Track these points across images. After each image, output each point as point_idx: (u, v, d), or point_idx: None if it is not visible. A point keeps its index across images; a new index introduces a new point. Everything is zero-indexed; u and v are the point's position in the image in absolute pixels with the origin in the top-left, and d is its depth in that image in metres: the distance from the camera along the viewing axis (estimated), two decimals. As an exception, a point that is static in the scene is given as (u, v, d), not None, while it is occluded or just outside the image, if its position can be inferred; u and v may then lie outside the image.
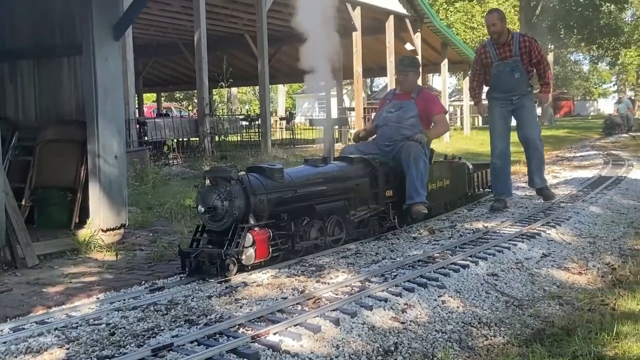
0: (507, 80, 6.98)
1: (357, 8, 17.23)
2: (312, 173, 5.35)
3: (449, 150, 13.63)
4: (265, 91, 14.71)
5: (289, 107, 58.24)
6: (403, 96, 6.57)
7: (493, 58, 7.00)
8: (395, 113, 6.46)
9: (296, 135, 20.54)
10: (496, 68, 6.99)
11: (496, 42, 6.96)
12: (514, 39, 6.93)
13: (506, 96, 7.07)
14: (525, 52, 6.90)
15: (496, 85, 7.12)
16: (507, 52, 6.92)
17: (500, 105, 7.12)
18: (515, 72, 6.92)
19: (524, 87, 7.07)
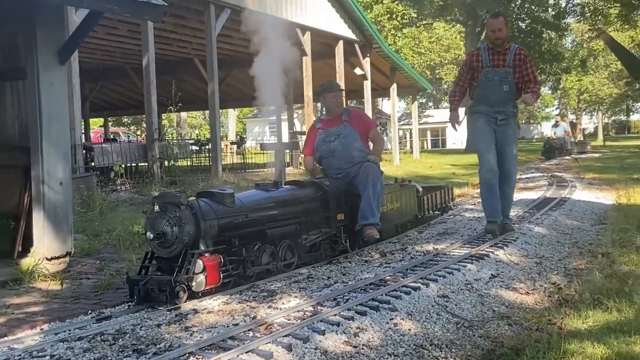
0: (495, 90, 6.42)
1: (307, 33, 17.39)
2: (263, 197, 5.32)
3: (399, 173, 13.81)
4: (215, 115, 14.64)
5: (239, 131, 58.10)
6: (333, 121, 6.50)
7: (484, 63, 6.43)
8: (335, 142, 6.37)
9: (247, 160, 20.46)
10: (485, 74, 6.43)
11: (494, 49, 6.44)
12: (511, 49, 6.44)
13: (491, 111, 6.51)
14: (519, 64, 6.40)
15: (482, 94, 6.52)
16: (501, 60, 6.40)
17: (483, 118, 6.57)
18: (504, 83, 6.39)
19: (511, 106, 6.56)
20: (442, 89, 62.23)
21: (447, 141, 59.54)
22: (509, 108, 6.56)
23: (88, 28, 5.90)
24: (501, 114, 6.51)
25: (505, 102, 6.50)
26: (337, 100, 6.56)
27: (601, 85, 59.42)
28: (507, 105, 6.53)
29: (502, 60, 6.38)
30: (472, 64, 6.56)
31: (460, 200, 10.84)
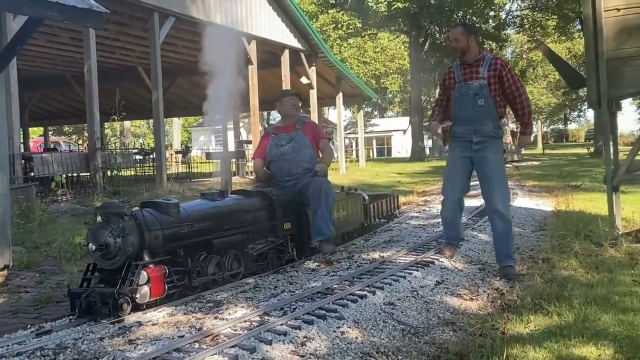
0: (469, 105, 5.60)
1: (253, 42, 17.37)
2: (209, 207, 5.27)
3: (346, 181, 13.89)
4: (159, 124, 14.46)
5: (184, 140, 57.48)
6: (287, 128, 6.52)
7: (456, 79, 5.72)
8: (288, 146, 6.39)
9: (192, 169, 20.27)
10: (458, 90, 5.69)
11: (462, 62, 5.72)
12: (485, 60, 5.65)
13: (466, 131, 5.65)
14: (495, 75, 5.56)
15: (456, 112, 5.76)
16: (474, 73, 5.64)
17: (458, 147, 5.76)
18: (479, 97, 5.55)
19: (490, 124, 5.58)
20: (387, 97, 63.02)
21: (392, 150, 60.30)
22: (487, 126, 5.57)
23: (27, 35, 5.75)
24: (477, 134, 5.57)
25: (482, 118, 5.56)
26: (294, 103, 6.60)
27: (540, 95, 61.29)
28: (484, 123, 5.56)
29: (475, 72, 5.62)
30: (445, 83, 5.90)
31: (406, 208, 10.97)
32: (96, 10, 5.41)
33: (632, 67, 6.23)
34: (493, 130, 5.58)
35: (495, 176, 5.58)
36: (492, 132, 5.58)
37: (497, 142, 5.63)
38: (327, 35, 36.83)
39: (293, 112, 6.60)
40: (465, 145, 5.68)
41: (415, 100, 39.97)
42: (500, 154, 5.62)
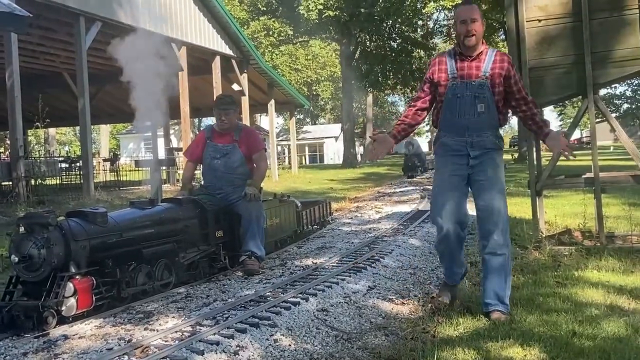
0: (466, 111, 4.31)
1: (183, 48, 17.17)
2: (138, 216, 5.16)
3: (278, 188, 13.87)
4: (86, 131, 14.07)
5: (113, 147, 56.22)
6: (224, 137, 6.35)
7: (449, 73, 4.35)
8: (221, 160, 6.26)
9: (121, 177, 19.83)
10: (451, 90, 4.34)
11: (463, 54, 4.35)
12: (488, 54, 4.35)
13: (461, 143, 4.36)
14: (499, 75, 4.29)
15: (448, 118, 4.39)
16: (474, 69, 4.33)
17: (450, 163, 4.41)
18: (479, 101, 4.30)
19: (490, 135, 4.36)
20: (319, 105, 63.37)
21: (325, 156, 60.67)
22: (487, 137, 4.35)
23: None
24: (476, 148, 4.33)
25: (481, 128, 4.33)
26: (226, 117, 6.29)
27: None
28: (483, 133, 4.34)
29: (476, 68, 4.33)
30: (433, 77, 4.43)
31: (338, 215, 11.04)
32: (19, 14, 5.25)
33: (553, 75, 6.47)
34: (494, 142, 4.37)
35: (495, 197, 4.31)
36: (492, 143, 4.36)
37: (498, 155, 4.44)
38: (258, 42, 36.78)
39: (223, 125, 6.35)
40: (459, 160, 4.37)
41: (346, 108, 40.35)
42: (500, 169, 4.43)
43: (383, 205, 12.65)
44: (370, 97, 49.86)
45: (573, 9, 6.22)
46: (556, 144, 4.34)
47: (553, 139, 4.34)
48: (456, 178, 4.40)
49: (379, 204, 12.82)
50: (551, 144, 4.38)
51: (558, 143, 4.32)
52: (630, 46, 6.13)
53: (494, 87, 4.32)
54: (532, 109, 4.41)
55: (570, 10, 6.22)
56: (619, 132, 6.46)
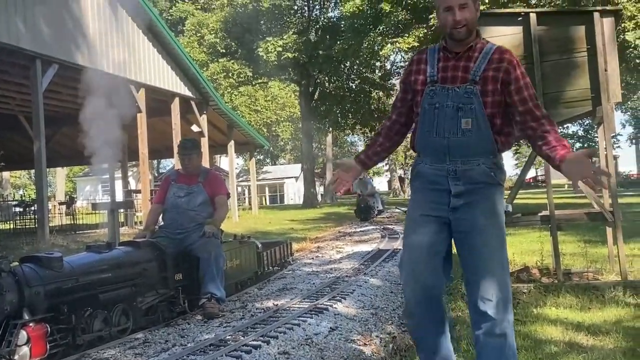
0: (445, 127, 3.10)
1: (142, 90, 17.11)
2: (95, 260, 5.06)
3: (238, 229, 13.76)
4: (42, 175, 13.82)
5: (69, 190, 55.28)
6: (189, 179, 6.37)
7: (428, 75, 3.18)
8: (184, 198, 6.25)
9: (78, 221, 19.47)
10: (429, 97, 3.15)
11: (447, 50, 3.17)
12: (484, 50, 3.14)
13: (439, 171, 3.13)
14: (497, 77, 3.08)
15: (423, 136, 3.19)
16: (460, 69, 3.13)
17: (426, 200, 3.18)
18: (463, 114, 3.07)
19: (482, 163, 3.10)
20: (278, 145, 63.55)
21: (285, 197, 60.62)
22: (477, 166, 3.09)
23: None
24: (460, 181, 3.09)
25: (467, 152, 3.09)
26: (189, 161, 6.31)
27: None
28: (472, 160, 3.09)
29: (463, 69, 3.12)
30: (409, 80, 3.27)
31: (299, 255, 11.00)
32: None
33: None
34: (486, 172, 3.09)
35: (490, 255, 3.05)
36: (485, 175, 3.09)
37: (494, 193, 3.12)
38: (218, 84, 36.86)
39: (186, 169, 6.38)
40: (437, 197, 3.13)
41: (306, 148, 40.53)
42: (498, 215, 3.11)
43: (344, 245, 12.65)
44: (330, 137, 50.22)
45: (525, 51, 6.42)
46: (578, 171, 2.78)
47: (573, 163, 2.81)
48: (432, 222, 3.12)
49: (339, 244, 12.81)
50: (571, 170, 2.80)
51: (581, 168, 2.77)
52: (580, 87, 6.34)
53: (485, 96, 3.06)
54: (543, 126, 3.03)
55: (522, 53, 6.41)
56: (572, 170, 6.62)
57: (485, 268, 3.04)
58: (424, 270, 3.10)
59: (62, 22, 13.98)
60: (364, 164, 3.41)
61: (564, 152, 2.90)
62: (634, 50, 18.29)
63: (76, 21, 14.31)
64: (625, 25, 17.29)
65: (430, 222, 3.14)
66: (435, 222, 3.13)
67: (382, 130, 3.42)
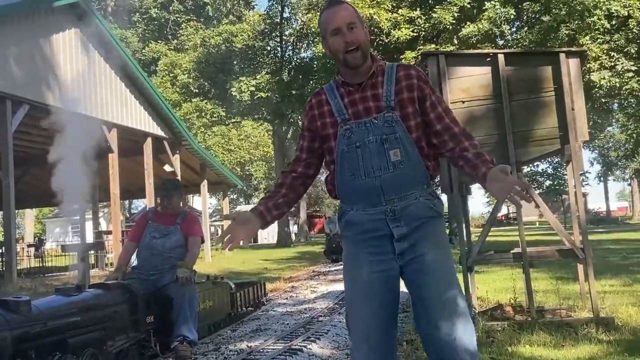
0: (373, 165, 2.73)
1: (114, 130, 17.03)
2: (64, 303, 4.95)
3: (212, 270, 13.64)
4: (10, 216, 13.58)
5: (38, 232, 54.40)
6: (167, 219, 6.28)
7: (337, 115, 2.82)
8: (160, 240, 6.16)
9: (47, 263, 19.11)
10: (345, 138, 2.78)
11: (346, 82, 2.84)
12: (386, 72, 2.82)
13: (375, 218, 2.75)
14: (411, 99, 2.78)
15: (348, 182, 2.80)
16: (370, 100, 2.78)
17: (366, 249, 2.77)
18: (390, 146, 2.73)
19: (420, 195, 2.77)
20: (252, 184, 63.46)
21: (259, 236, 60.25)
22: (415, 200, 2.76)
23: None
24: (402, 221, 2.73)
25: (403, 186, 2.74)
26: (169, 202, 6.25)
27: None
28: (409, 194, 2.75)
29: (374, 98, 2.78)
30: (314, 126, 2.91)
31: (273, 295, 10.90)
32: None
33: (478, 154, 6.71)
34: (427, 205, 2.77)
35: (449, 287, 2.71)
36: (425, 208, 2.76)
37: (437, 225, 2.81)
38: (191, 124, 36.87)
39: (166, 210, 6.32)
40: (379, 247, 2.74)
41: (280, 187, 40.51)
42: (446, 246, 2.82)
43: (318, 284, 12.58)
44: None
45: (494, 91, 6.54)
46: (502, 187, 2.52)
47: (495, 181, 2.55)
48: (378, 279, 2.71)
49: (314, 283, 12.74)
50: (494, 187, 2.56)
51: (504, 185, 2.51)
52: (548, 126, 6.46)
53: (407, 120, 2.75)
54: (462, 143, 2.77)
55: (491, 92, 6.53)
56: (543, 208, 6.71)
57: (443, 303, 2.66)
58: (378, 339, 2.72)
59: (33, 63, 13.95)
60: (263, 218, 2.85)
61: (484, 169, 2.64)
62: (599, 90, 18.77)
63: (48, 61, 14.29)
64: (591, 66, 17.76)
65: (378, 278, 2.71)
66: (382, 277, 2.72)
67: (285, 181, 2.95)
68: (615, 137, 55.97)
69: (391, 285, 2.74)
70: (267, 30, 38.82)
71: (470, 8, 20.16)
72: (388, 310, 2.76)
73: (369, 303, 2.71)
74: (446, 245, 2.81)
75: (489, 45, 18.94)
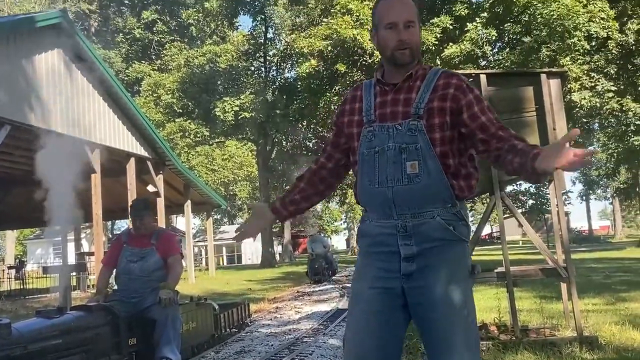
0: (388, 174, 2.49)
1: (96, 150, 16.94)
2: (45, 326, 4.88)
3: (195, 291, 13.53)
4: (-9, 237, 13.44)
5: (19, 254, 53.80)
6: (142, 241, 6.12)
7: (364, 114, 2.60)
8: (137, 264, 6.02)
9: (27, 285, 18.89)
10: (367, 140, 2.56)
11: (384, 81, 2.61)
12: (426, 78, 2.57)
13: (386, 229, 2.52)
14: (442, 110, 2.49)
15: (365, 188, 2.58)
16: (400, 104, 2.55)
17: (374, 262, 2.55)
18: (408, 156, 2.47)
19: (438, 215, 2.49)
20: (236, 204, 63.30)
21: (243, 257, 60.02)
22: (431, 219, 2.50)
23: None
24: (412, 240, 2.48)
25: (417, 202, 2.49)
26: (141, 223, 6.10)
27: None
28: (424, 212, 2.49)
29: (404, 103, 2.55)
30: (342, 121, 2.73)
31: (257, 316, 10.82)
32: None
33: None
34: (443, 226, 2.49)
35: (454, 334, 2.42)
36: (440, 229, 2.49)
37: (455, 252, 2.51)
38: (174, 144, 36.79)
39: (138, 231, 6.16)
40: (386, 263, 2.53)
41: (264, 207, 40.46)
42: (462, 280, 2.50)
43: (303, 305, 12.52)
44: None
45: (476, 111, 6.59)
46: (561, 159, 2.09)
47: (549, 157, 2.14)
48: (383, 296, 2.50)
49: (298, 304, 12.67)
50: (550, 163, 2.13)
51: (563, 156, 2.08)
52: (530, 146, 6.52)
53: (432, 132, 2.48)
54: (509, 140, 2.42)
55: (473, 112, 6.58)
56: (525, 227, 6.75)
57: (448, 350, 2.41)
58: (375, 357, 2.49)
59: (15, 83, 13.87)
60: (278, 213, 2.81)
61: (535, 151, 2.23)
62: (580, 110, 19.01)
63: (30, 82, 14.21)
64: (571, 87, 18.00)
65: (384, 296, 2.50)
66: (386, 296, 2.49)
67: (305, 174, 2.84)
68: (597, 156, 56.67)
69: (395, 304, 2.49)
70: (251, 51, 39.06)
71: (453, 29, 20.43)
72: (389, 332, 2.50)
73: (367, 321, 2.50)
74: (463, 277, 2.49)
75: (472, 66, 19.15)
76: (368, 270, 2.56)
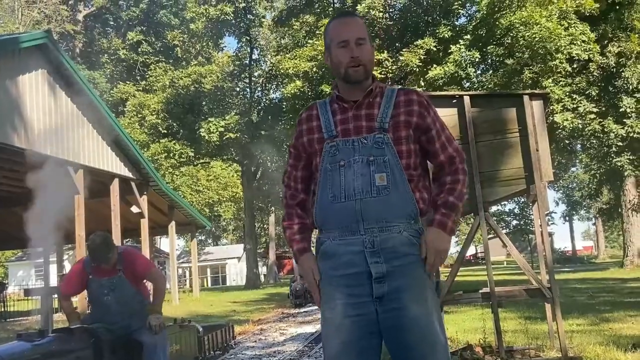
0: (355, 187, 2.50)
1: (80, 171, 16.82)
2: (26, 349, 4.80)
3: (179, 313, 13.41)
4: (-29, 259, 13.26)
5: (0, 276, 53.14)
6: (106, 271, 5.55)
7: (324, 131, 2.63)
8: (111, 296, 5.60)
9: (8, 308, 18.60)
10: (330, 155, 2.58)
11: (342, 98, 2.64)
12: (385, 94, 2.64)
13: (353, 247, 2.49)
14: (407, 124, 2.59)
15: (326, 203, 2.57)
16: (363, 119, 2.60)
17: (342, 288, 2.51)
18: (376, 169, 2.51)
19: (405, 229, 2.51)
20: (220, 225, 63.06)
21: (227, 278, 59.64)
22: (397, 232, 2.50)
23: None
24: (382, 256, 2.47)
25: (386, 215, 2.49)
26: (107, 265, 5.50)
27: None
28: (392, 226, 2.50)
29: (367, 118, 2.60)
30: (301, 142, 2.72)
31: (242, 338, 10.74)
32: None
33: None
34: (410, 241, 2.52)
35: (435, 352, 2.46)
36: (407, 244, 2.51)
37: (423, 270, 2.54)
38: (159, 164, 36.66)
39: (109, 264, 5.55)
40: (355, 285, 2.49)
41: (248, 228, 40.36)
42: (429, 298, 2.53)
43: (287, 326, 12.44)
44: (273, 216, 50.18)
45: (460, 132, 6.64)
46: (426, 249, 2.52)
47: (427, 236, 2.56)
48: (356, 326, 2.46)
49: (283, 325, 12.60)
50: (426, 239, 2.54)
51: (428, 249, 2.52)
52: (514, 166, 6.57)
53: (399, 144, 2.54)
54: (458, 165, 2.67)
55: (457, 133, 6.63)
56: (510, 247, 6.77)
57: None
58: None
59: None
60: (307, 251, 2.72)
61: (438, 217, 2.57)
62: (562, 131, 19.20)
63: (13, 102, 14.13)
64: (554, 108, 18.20)
65: (352, 327, 2.45)
66: (360, 325, 2.45)
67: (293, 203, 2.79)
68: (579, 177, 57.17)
69: (370, 330, 2.46)
70: (236, 72, 39.15)
71: (437, 51, 20.62)
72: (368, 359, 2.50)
73: (347, 354, 2.46)
74: (432, 296, 2.55)
75: (455, 88, 19.32)
76: (336, 297, 2.51)
